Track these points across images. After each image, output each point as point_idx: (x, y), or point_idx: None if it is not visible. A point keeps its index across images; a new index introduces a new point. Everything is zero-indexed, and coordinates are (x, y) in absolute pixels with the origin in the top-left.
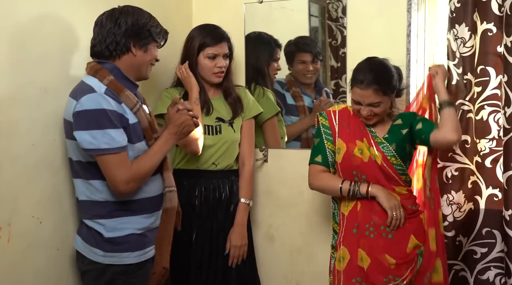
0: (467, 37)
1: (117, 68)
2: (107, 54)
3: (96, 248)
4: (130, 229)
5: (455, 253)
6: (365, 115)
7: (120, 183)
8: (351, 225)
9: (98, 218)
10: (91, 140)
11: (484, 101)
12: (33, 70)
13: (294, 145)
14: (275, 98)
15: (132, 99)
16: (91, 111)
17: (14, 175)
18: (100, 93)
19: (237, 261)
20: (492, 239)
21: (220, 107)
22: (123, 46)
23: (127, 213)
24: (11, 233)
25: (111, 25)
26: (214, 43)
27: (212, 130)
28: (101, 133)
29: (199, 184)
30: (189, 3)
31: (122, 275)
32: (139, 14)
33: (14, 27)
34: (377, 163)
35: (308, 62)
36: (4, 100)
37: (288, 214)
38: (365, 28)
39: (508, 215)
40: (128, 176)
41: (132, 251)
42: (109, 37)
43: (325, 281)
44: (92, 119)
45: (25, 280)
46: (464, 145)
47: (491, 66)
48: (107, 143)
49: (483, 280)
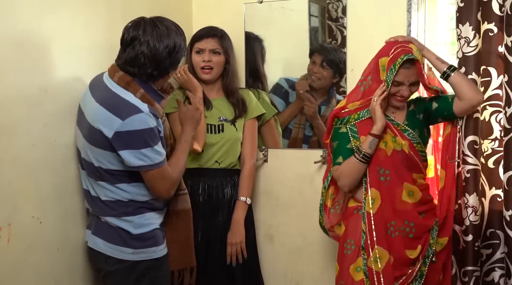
0: (471, 36)
1: (147, 81)
2: (147, 76)
3: (125, 246)
4: (155, 224)
5: (474, 259)
6: (407, 96)
7: (164, 193)
8: (382, 225)
9: (124, 215)
10: (141, 157)
11: (486, 102)
12: (33, 70)
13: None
14: (270, 99)
15: (160, 111)
16: (140, 131)
17: (14, 175)
18: (147, 113)
19: (236, 259)
20: (496, 239)
21: (223, 108)
22: (164, 71)
23: (148, 209)
24: (11, 233)
25: (165, 53)
26: (200, 38)
27: (215, 129)
28: (149, 151)
29: (203, 182)
30: (189, 3)
31: (151, 269)
32: (179, 36)
33: (14, 27)
34: (403, 152)
35: (317, 64)
36: (4, 100)
37: (288, 214)
38: (365, 28)
39: (509, 215)
40: (169, 185)
41: (158, 245)
42: (161, 63)
43: (325, 281)
44: (141, 139)
45: (25, 280)
46: (473, 146)
47: (493, 67)
48: (153, 160)
49: (488, 281)
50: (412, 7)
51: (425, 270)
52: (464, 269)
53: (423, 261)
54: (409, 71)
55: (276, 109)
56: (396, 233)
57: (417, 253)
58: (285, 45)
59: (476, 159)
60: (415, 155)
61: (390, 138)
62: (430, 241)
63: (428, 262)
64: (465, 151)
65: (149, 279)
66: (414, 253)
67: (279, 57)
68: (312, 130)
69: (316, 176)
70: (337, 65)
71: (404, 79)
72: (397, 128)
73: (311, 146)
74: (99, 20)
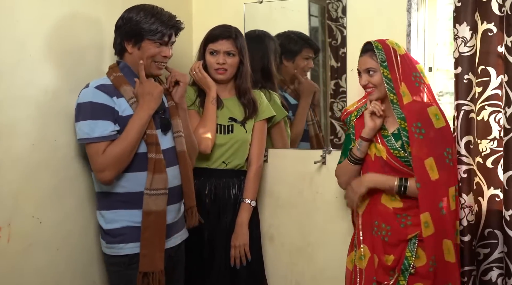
0: (468, 36)
1: (127, 66)
2: (116, 53)
3: (102, 239)
4: (126, 222)
5: (471, 259)
6: (362, 84)
7: (96, 171)
8: (369, 224)
9: (101, 209)
10: (77, 131)
11: (485, 102)
12: (33, 70)
13: (304, 146)
14: (282, 101)
15: (129, 93)
16: (81, 104)
17: (14, 175)
18: (91, 87)
19: (239, 261)
20: (494, 239)
21: (233, 108)
22: (119, 46)
23: (122, 206)
24: (11, 233)
25: (116, 25)
26: (214, 40)
27: (224, 130)
28: (85, 124)
29: (210, 182)
30: (189, 3)
31: (120, 266)
32: (137, 13)
33: (14, 27)
34: (382, 158)
35: (310, 58)
36: (4, 100)
37: (288, 214)
38: (365, 28)
39: (508, 215)
40: (103, 163)
41: (127, 242)
42: (115, 37)
43: (325, 281)
44: (81, 112)
45: (25, 280)
46: (469, 146)
47: (492, 67)
48: (87, 133)
49: (486, 281)
50: (412, 7)
51: (404, 284)
52: (462, 269)
53: (402, 274)
54: (361, 59)
55: (286, 111)
56: (378, 233)
57: (391, 261)
58: None
59: (471, 159)
60: (394, 161)
61: (373, 144)
62: (406, 254)
63: (407, 275)
64: (461, 151)
65: (119, 275)
66: (389, 260)
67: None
68: (319, 128)
69: (316, 176)
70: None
71: (359, 66)
72: (380, 134)
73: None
74: (99, 20)
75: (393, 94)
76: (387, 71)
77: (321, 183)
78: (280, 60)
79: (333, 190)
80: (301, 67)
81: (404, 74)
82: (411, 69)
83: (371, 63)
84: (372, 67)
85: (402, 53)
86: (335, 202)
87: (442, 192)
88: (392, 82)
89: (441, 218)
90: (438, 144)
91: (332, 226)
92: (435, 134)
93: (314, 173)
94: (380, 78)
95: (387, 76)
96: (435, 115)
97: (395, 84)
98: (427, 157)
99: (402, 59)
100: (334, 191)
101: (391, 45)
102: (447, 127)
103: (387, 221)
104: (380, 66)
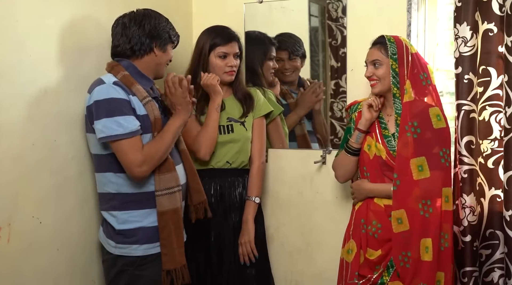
0: (468, 36)
1: (132, 65)
2: (129, 53)
3: (110, 239)
4: (140, 222)
5: (472, 259)
6: (366, 75)
7: (134, 166)
8: (359, 221)
9: (111, 209)
10: (103, 129)
11: (486, 102)
12: (33, 70)
13: (291, 146)
14: (276, 97)
15: (142, 92)
16: (101, 101)
17: (14, 175)
18: (108, 84)
19: (248, 258)
20: (495, 240)
21: (231, 107)
22: (147, 47)
23: (135, 206)
24: (11, 233)
25: (136, 27)
26: (224, 43)
27: (224, 130)
28: (111, 121)
29: (215, 182)
30: (189, 3)
31: (130, 266)
32: (159, 18)
33: (14, 27)
34: (381, 158)
35: (285, 60)
36: (4, 100)
37: (288, 214)
38: (365, 28)
39: (509, 215)
40: (140, 158)
41: (141, 243)
42: (134, 38)
43: (325, 281)
44: (103, 109)
45: (25, 280)
46: (470, 146)
47: (492, 67)
48: (117, 129)
49: (488, 281)
50: (412, 7)
51: (387, 280)
52: (463, 269)
53: (386, 270)
54: (369, 50)
55: (281, 107)
56: (363, 230)
57: (376, 256)
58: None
59: (472, 159)
60: (393, 161)
61: (373, 142)
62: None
63: (391, 271)
64: (461, 151)
65: (128, 276)
66: (374, 254)
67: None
68: (311, 126)
69: (316, 176)
70: (299, 50)
71: (367, 58)
72: (381, 134)
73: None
74: (99, 21)
75: (397, 88)
76: (396, 64)
77: (321, 183)
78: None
79: (333, 190)
80: (277, 69)
81: (412, 72)
82: (420, 69)
83: (378, 55)
84: (378, 60)
85: (413, 51)
86: (335, 202)
87: (432, 191)
88: (398, 76)
89: (421, 217)
90: (434, 144)
91: (332, 226)
92: (433, 134)
93: (314, 173)
94: (385, 72)
95: (395, 69)
96: (436, 116)
97: (401, 80)
98: (414, 157)
99: (412, 57)
100: (334, 191)
101: (404, 42)
102: (446, 129)
103: (378, 219)
104: (390, 58)
